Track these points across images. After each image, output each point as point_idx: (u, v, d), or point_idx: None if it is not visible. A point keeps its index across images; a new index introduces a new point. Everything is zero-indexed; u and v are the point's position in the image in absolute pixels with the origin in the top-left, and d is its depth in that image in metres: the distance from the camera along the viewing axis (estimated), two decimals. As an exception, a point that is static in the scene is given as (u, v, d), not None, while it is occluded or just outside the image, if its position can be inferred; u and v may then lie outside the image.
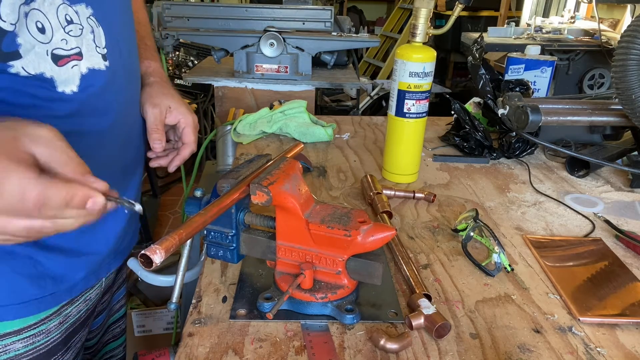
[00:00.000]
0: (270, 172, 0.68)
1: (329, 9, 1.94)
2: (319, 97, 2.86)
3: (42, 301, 0.71)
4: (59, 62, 0.62)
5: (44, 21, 0.61)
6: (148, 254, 0.50)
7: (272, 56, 1.88)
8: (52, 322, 0.75)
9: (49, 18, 0.61)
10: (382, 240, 0.65)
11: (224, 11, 1.88)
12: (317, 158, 1.26)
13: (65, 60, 0.62)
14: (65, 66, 0.63)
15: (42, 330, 0.73)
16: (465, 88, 4.64)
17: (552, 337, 0.66)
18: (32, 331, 0.72)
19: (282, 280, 0.70)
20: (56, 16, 0.62)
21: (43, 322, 0.73)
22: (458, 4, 1.01)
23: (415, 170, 1.15)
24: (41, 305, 0.72)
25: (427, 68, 1.03)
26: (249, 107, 1.90)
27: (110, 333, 1.01)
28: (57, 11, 0.62)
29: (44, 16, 0.60)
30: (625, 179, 1.20)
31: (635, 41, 1.03)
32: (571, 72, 2.93)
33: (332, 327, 0.67)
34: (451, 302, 0.73)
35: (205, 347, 0.62)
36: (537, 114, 1.15)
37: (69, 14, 0.64)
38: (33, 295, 0.70)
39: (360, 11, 6.99)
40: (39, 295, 0.71)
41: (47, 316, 0.73)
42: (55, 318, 0.75)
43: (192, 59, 3.51)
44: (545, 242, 0.90)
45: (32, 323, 0.72)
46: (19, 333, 0.71)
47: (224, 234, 0.72)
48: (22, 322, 0.70)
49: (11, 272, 0.67)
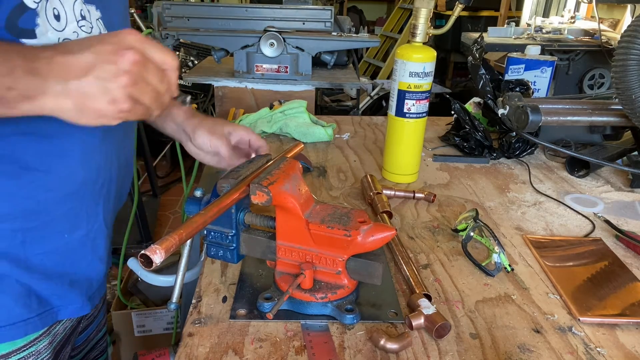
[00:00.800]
0: (270, 172, 0.68)
1: (329, 9, 1.94)
2: (319, 97, 2.86)
3: (30, 322, 0.69)
4: None
5: (60, 10, 0.61)
6: (148, 254, 0.50)
7: (272, 56, 1.88)
8: (42, 342, 0.72)
9: (65, 9, 0.62)
10: (382, 240, 0.65)
11: (224, 11, 1.88)
12: (317, 158, 1.26)
13: None
14: None
15: (32, 352, 0.71)
16: (465, 88, 4.63)
17: (552, 337, 0.66)
18: (22, 354, 0.69)
19: (282, 280, 0.70)
20: (72, 9, 0.63)
21: (32, 344, 0.71)
22: (458, 4, 1.01)
23: (415, 170, 1.15)
24: (28, 327, 0.69)
25: (427, 68, 1.03)
26: (249, 107, 1.90)
27: (97, 349, 0.98)
28: (73, 5, 0.64)
29: (61, 5, 0.62)
30: (625, 179, 1.20)
31: (635, 41, 1.03)
32: (571, 72, 2.93)
33: (332, 327, 0.67)
34: (451, 302, 0.73)
35: (205, 347, 0.62)
36: (537, 114, 1.15)
37: (83, 10, 0.65)
38: (20, 317, 0.67)
39: (360, 11, 6.99)
40: (25, 316, 0.68)
41: (36, 337, 0.71)
42: (45, 338, 0.73)
43: (192, 59, 3.51)
44: (545, 242, 0.90)
45: (22, 345, 0.69)
46: (8, 357, 0.68)
47: (224, 234, 0.72)
48: (10, 345, 0.68)
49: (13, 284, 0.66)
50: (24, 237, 0.66)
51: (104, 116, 0.52)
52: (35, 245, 0.67)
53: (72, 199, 0.70)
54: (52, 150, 0.66)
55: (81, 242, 0.74)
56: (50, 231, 0.69)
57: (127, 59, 0.50)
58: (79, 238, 0.73)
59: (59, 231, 0.70)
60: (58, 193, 0.68)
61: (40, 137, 0.64)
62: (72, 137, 0.67)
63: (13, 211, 0.64)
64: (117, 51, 0.50)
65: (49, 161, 0.66)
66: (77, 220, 0.72)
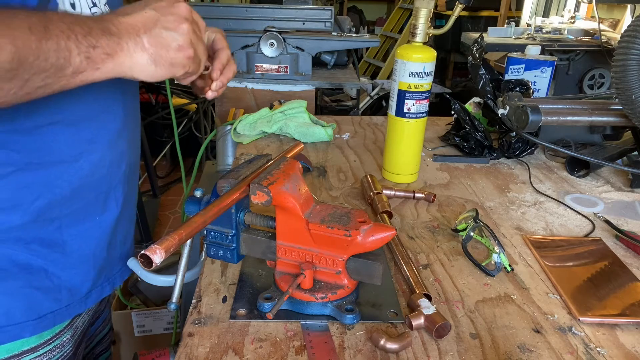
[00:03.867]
0: (270, 172, 0.68)
1: (329, 9, 1.94)
2: (319, 97, 2.86)
3: (58, 314, 0.71)
4: None
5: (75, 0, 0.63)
6: (148, 254, 0.50)
7: (272, 56, 1.88)
8: (66, 335, 0.75)
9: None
10: (382, 240, 0.65)
11: (224, 11, 1.88)
12: (317, 158, 1.26)
13: None
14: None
15: (57, 345, 0.73)
16: (465, 88, 4.63)
17: (552, 337, 0.66)
18: (49, 347, 0.72)
19: (282, 280, 0.70)
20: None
21: (57, 337, 0.73)
22: (458, 4, 1.01)
23: (415, 170, 1.15)
24: (57, 319, 0.71)
25: (427, 68, 1.03)
26: (249, 107, 1.90)
27: (102, 345, 1.00)
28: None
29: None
30: (625, 179, 1.20)
31: (635, 41, 1.03)
32: (571, 72, 2.92)
33: (332, 327, 0.67)
34: (451, 302, 0.73)
35: (205, 347, 0.62)
36: (537, 114, 1.15)
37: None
38: (49, 309, 0.70)
39: (360, 11, 6.98)
40: (54, 308, 0.70)
41: (60, 330, 0.73)
42: (68, 331, 0.75)
43: (192, 59, 3.50)
44: (545, 242, 0.90)
45: (48, 338, 0.71)
46: (36, 350, 0.70)
47: (224, 234, 0.72)
48: (38, 339, 0.70)
49: (28, 287, 0.67)
50: (61, 223, 0.68)
51: (175, 65, 0.57)
52: (71, 229, 0.70)
53: (102, 182, 0.73)
54: (81, 136, 0.68)
55: (110, 224, 0.76)
56: (84, 215, 0.71)
57: (182, 9, 0.57)
58: (108, 220, 0.76)
59: (91, 213, 0.72)
60: (91, 178, 0.70)
61: (69, 125, 0.66)
62: (98, 123, 0.69)
63: (51, 201, 0.66)
64: (173, 4, 0.57)
65: (80, 148, 0.68)
66: (106, 203, 0.74)
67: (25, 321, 0.67)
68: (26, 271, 0.67)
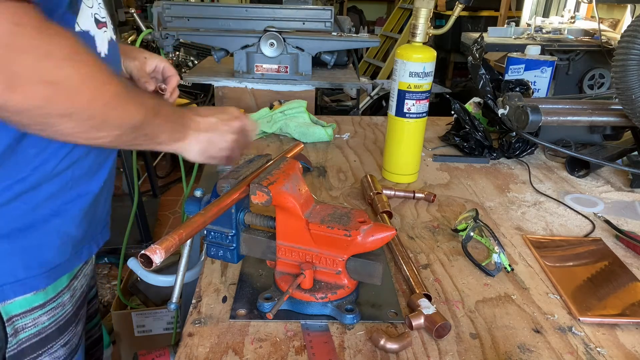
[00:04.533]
0: (270, 172, 0.68)
1: (329, 9, 1.94)
2: (319, 97, 2.86)
3: (64, 266, 0.77)
4: (98, 25, 0.73)
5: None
6: (148, 254, 0.50)
7: (272, 56, 1.88)
8: (65, 295, 0.79)
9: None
10: (382, 240, 0.65)
11: (224, 11, 1.88)
12: (317, 158, 1.26)
13: (101, 25, 0.73)
14: (101, 30, 0.74)
15: (60, 303, 0.78)
16: (465, 88, 4.63)
17: (552, 337, 0.66)
18: (53, 304, 0.77)
19: (282, 280, 0.70)
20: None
21: (59, 296, 0.78)
22: (458, 4, 1.01)
23: (415, 170, 1.15)
24: (63, 270, 0.77)
25: (427, 68, 1.03)
26: (249, 107, 1.90)
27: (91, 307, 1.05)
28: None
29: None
30: (625, 179, 1.20)
31: (635, 41, 1.03)
32: (571, 72, 2.92)
33: (332, 327, 0.67)
34: (451, 302, 0.73)
35: (205, 347, 0.62)
36: (537, 114, 1.15)
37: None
38: (58, 262, 0.75)
39: (360, 11, 6.98)
40: (61, 260, 0.76)
41: (61, 290, 0.78)
42: (67, 292, 0.80)
43: (192, 59, 3.51)
44: (545, 242, 0.90)
45: (52, 296, 0.76)
46: (44, 306, 0.75)
47: (224, 234, 0.72)
48: (44, 295, 0.75)
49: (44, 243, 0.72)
50: (73, 184, 0.75)
51: (213, 158, 0.77)
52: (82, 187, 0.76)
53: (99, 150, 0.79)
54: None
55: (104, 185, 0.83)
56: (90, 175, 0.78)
57: (235, 125, 0.78)
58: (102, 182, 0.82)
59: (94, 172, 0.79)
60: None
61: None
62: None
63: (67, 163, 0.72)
64: (230, 119, 0.78)
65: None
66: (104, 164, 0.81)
67: (40, 274, 0.72)
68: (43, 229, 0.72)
